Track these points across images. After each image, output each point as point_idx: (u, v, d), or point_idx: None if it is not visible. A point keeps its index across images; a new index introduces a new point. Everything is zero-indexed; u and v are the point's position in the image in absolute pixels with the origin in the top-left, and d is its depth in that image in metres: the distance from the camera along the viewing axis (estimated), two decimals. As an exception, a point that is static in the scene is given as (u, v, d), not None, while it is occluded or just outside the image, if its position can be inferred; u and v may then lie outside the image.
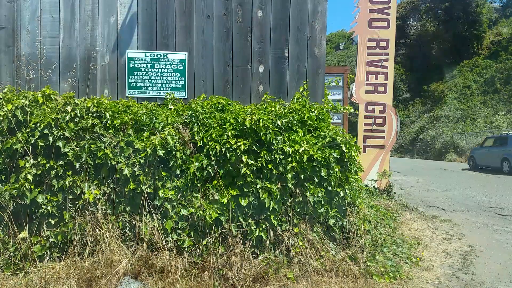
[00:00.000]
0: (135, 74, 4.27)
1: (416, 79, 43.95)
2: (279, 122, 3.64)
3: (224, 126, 3.59)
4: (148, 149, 3.38)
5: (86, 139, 3.35)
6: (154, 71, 4.29)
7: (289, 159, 3.55)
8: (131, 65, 4.27)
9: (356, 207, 4.02)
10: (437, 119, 33.01)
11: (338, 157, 3.75)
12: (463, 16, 42.51)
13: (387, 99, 8.05)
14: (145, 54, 4.28)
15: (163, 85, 4.30)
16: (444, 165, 22.87)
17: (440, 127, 31.43)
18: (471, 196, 9.61)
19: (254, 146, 3.53)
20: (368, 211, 4.67)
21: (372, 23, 7.89)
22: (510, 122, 28.01)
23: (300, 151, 3.54)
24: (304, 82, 4.38)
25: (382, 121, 8.01)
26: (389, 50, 7.98)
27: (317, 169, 3.61)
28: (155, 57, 4.29)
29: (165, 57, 4.29)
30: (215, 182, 3.46)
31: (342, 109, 4.36)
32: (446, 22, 43.51)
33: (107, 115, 3.49)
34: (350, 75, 8.14)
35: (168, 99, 4.15)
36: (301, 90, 4.33)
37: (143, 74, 4.28)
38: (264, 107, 3.93)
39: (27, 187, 3.20)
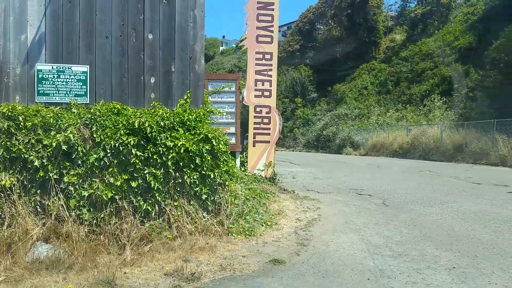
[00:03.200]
0: (43, 83, 5.11)
1: (323, 80, 47.72)
2: (162, 123, 4.81)
3: (118, 126, 4.66)
4: (54, 144, 4.34)
5: (2, 137, 4.22)
6: (60, 81, 5.17)
7: (170, 151, 4.74)
8: (40, 75, 5.11)
9: (226, 186, 5.36)
10: (338, 117, 36.55)
11: (210, 149, 5.03)
12: (363, 23, 46.99)
13: (271, 102, 9.61)
14: (52, 67, 5.14)
15: (68, 92, 5.21)
16: (340, 158, 25.80)
17: (340, 124, 34.93)
18: (345, 182, 11.63)
19: (142, 142, 4.67)
20: (241, 190, 6.05)
21: (258, 38, 9.37)
22: (397, 119, 32.15)
23: (179, 145, 4.75)
24: (188, 91, 5.58)
25: (268, 121, 9.56)
26: (272, 61, 9.52)
27: (192, 158, 4.85)
28: (61, 69, 5.17)
29: (69, 69, 5.20)
30: (110, 169, 4.53)
31: (217, 112, 5.66)
32: (349, 28, 47.83)
33: (20, 118, 4.39)
34: (242, 82, 9.54)
35: (72, 104, 5.07)
36: (185, 97, 5.53)
37: (50, 83, 5.14)
38: (153, 111, 5.07)
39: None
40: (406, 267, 4.09)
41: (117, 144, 4.51)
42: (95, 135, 4.58)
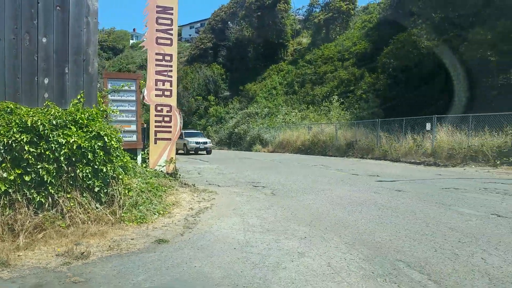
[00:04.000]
0: None
1: (236, 79, 49.03)
2: (54, 122, 5.20)
3: (11, 125, 4.95)
4: None
5: None
6: (-51, 80, 5.26)
7: (63, 147, 5.15)
8: None
9: (120, 180, 5.89)
10: (249, 116, 38.09)
11: (102, 145, 5.52)
12: (272, 25, 49.06)
13: (172, 101, 10.20)
14: None
15: (-42, 91, 5.32)
16: (248, 155, 27.12)
17: (251, 122, 36.48)
18: (246, 176, 12.62)
19: (35, 139, 5.02)
20: (137, 184, 6.60)
21: (158, 40, 9.89)
22: (301, 118, 34.54)
23: (71, 141, 5.18)
24: (81, 92, 5.98)
25: (169, 119, 10.13)
26: (173, 63, 10.10)
27: (85, 153, 5.31)
28: (-51, 68, 5.27)
29: (-42, 69, 5.31)
30: (3, 164, 4.82)
31: (111, 111, 6.15)
32: (259, 29, 49.55)
33: None
34: (142, 81, 9.98)
35: (-37, 103, 5.20)
36: (78, 97, 5.92)
37: None
38: (46, 110, 5.41)
39: None
40: (269, 239, 5.06)
41: (10, 141, 4.81)
42: (-13, 133, 4.82)
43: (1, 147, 4.81)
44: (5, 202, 4.74)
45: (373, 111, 28.98)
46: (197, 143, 26.57)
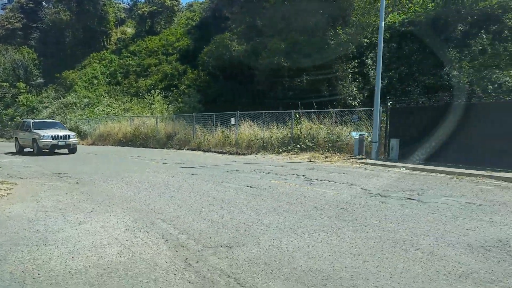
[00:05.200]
0: None
1: (51, 65, 44.85)
2: None
3: None
4: None
5: None
6: None
7: None
8: None
9: None
10: (66, 106, 35.73)
11: None
12: (93, 11, 46.57)
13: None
14: None
15: None
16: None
17: (68, 113, 34.33)
18: (55, 168, 12.61)
19: None
20: None
21: None
22: (124, 110, 34.36)
23: None
24: None
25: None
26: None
27: None
28: None
29: None
30: None
31: None
32: (79, 14, 46.42)
33: None
34: None
35: None
36: None
37: None
38: None
39: None
40: (58, 215, 5.92)
41: None
42: None
43: None
44: None
45: (195, 105, 31.16)
46: (54, 137, 18.59)
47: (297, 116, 18.58)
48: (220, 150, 20.18)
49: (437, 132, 13.18)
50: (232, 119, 20.89)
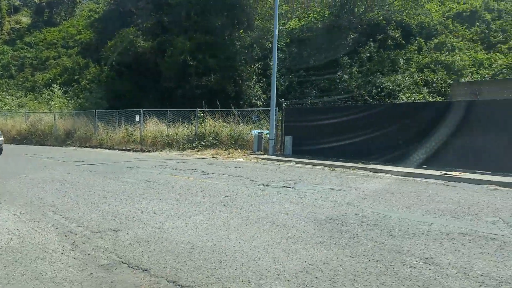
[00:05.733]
0: None
1: None
2: None
3: None
4: None
5: None
6: None
7: None
8: None
9: None
10: None
11: None
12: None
13: None
14: None
15: None
16: None
17: (-51, 108, 30.74)
18: None
19: None
20: None
21: None
22: (19, 105, 31.83)
23: None
24: None
25: None
26: None
27: None
28: None
29: None
30: None
31: None
32: (-37, -2, 41.62)
33: None
34: None
35: None
36: None
37: None
38: None
39: None
40: None
41: None
42: None
43: None
44: None
45: (97, 102, 30.03)
46: None
47: (202, 114, 19.31)
48: (124, 148, 20.05)
49: (324, 130, 14.91)
50: (136, 116, 20.87)
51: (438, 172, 10.83)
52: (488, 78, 24.10)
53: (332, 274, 3.50)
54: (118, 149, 20.06)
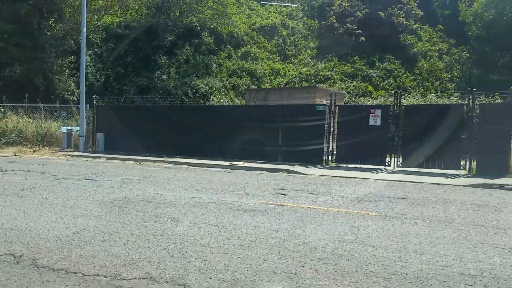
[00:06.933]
0: None
1: None
2: None
3: None
4: None
5: None
6: None
7: None
8: None
9: None
10: None
11: None
12: None
13: None
14: None
15: None
16: None
17: None
18: None
19: None
20: None
21: None
22: None
23: None
24: None
25: None
26: None
27: None
28: None
29: None
30: None
31: None
32: None
33: None
34: None
35: None
36: None
37: None
38: None
39: None
40: None
41: None
42: None
43: None
44: None
45: None
46: None
47: (2, 110, 17.86)
48: None
49: (137, 127, 15.93)
50: None
51: (226, 163, 13.27)
52: (282, 85, 29.08)
53: (97, 233, 4.80)
54: None
